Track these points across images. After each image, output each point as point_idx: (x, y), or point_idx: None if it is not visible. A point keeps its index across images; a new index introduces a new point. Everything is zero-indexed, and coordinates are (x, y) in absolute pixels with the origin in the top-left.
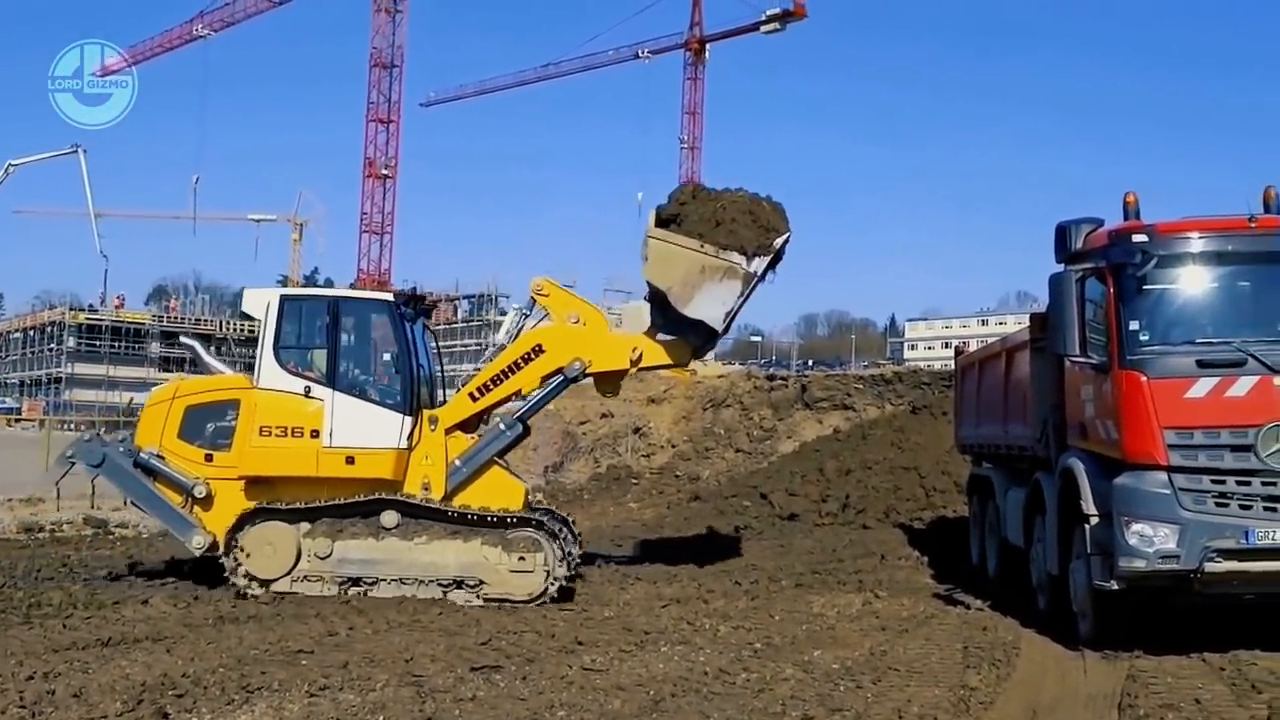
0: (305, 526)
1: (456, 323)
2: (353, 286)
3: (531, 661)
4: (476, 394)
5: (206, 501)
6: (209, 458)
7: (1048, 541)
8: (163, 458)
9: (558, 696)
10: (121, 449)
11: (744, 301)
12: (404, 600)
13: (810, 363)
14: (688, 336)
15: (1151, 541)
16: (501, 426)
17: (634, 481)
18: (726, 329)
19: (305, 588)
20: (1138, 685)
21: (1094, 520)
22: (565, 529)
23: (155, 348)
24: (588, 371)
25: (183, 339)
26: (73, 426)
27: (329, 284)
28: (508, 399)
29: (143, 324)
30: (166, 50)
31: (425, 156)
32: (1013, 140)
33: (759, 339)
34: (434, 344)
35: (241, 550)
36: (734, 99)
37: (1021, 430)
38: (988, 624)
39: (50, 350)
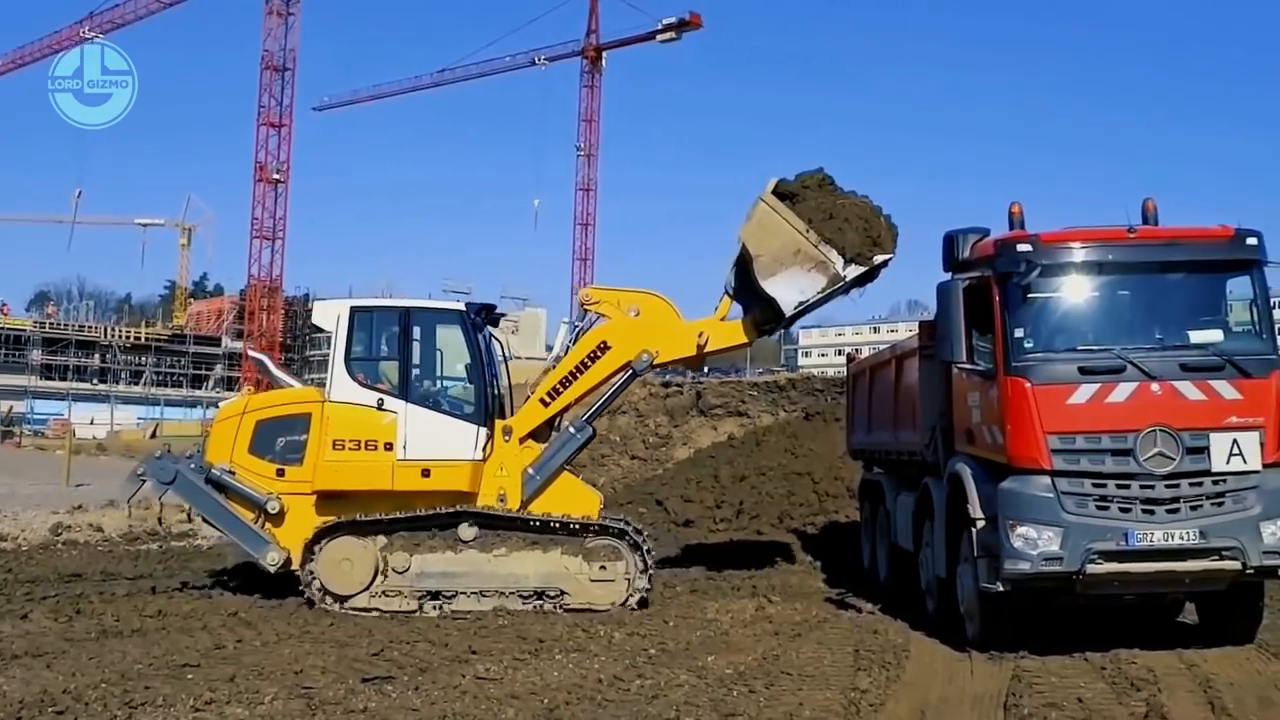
0: (382, 541)
1: None
2: (242, 294)
3: (424, 671)
4: (547, 399)
5: (279, 517)
6: (280, 473)
7: (936, 545)
8: (233, 473)
9: (451, 706)
10: (193, 465)
11: (821, 301)
12: (295, 611)
13: (706, 369)
14: (754, 311)
15: (1035, 544)
16: (571, 430)
17: None
18: (793, 320)
19: (384, 603)
20: (1022, 685)
21: (980, 524)
22: (643, 538)
23: (36, 355)
24: (655, 363)
25: (250, 352)
26: None
27: (219, 290)
28: (578, 400)
29: (23, 330)
30: (54, 52)
31: (318, 161)
32: (902, 151)
33: None
34: (501, 353)
35: (318, 566)
36: (631, 107)
37: (911, 436)
38: (878, 627)
39: None
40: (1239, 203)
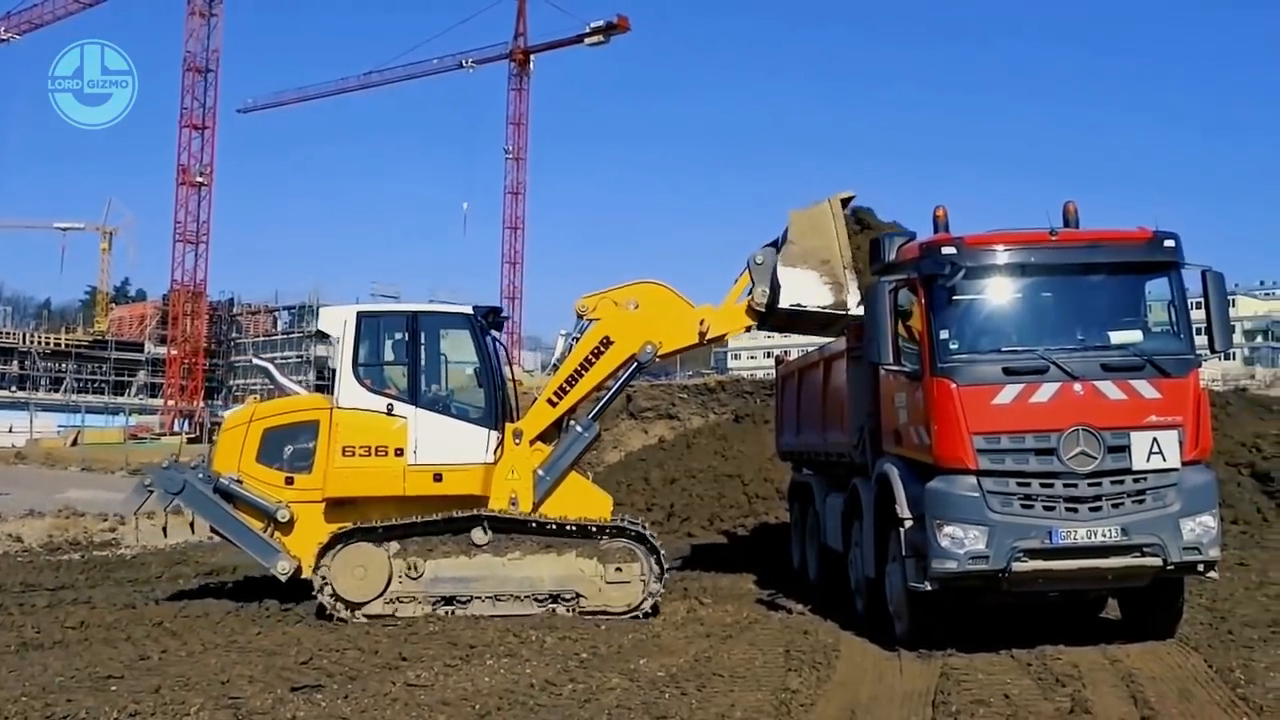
0: (395, 547)
1: (276, 334)
2: (165, 299)
3: (354, 679)
4: (554, 399)
5: (287, 525)
6: (289, 480)
7: (865, 545)
8: (241, 482)
9: (381, 714)
10: (200, 475)
11: (814, 317)
12: (221, 620)
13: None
14: (756, 290)
15: (962, 543)
16: (579, 429)
17: None
18: (780, 319)
19: (398, 609)
20: (950, 683)
21: (908, 524)
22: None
23: None
24: (660, 353)
25: (255, 361)
26: None
27: (141, 295)
28: (585, 398)
29: None
30: None
31: (243, 164)
32: (832, 153)
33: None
34: (507, 358)
35: (331, 573)
36: (559, 110)
37: (840, 437)
38: (809, 627)
39: None
40: (1160, 205)
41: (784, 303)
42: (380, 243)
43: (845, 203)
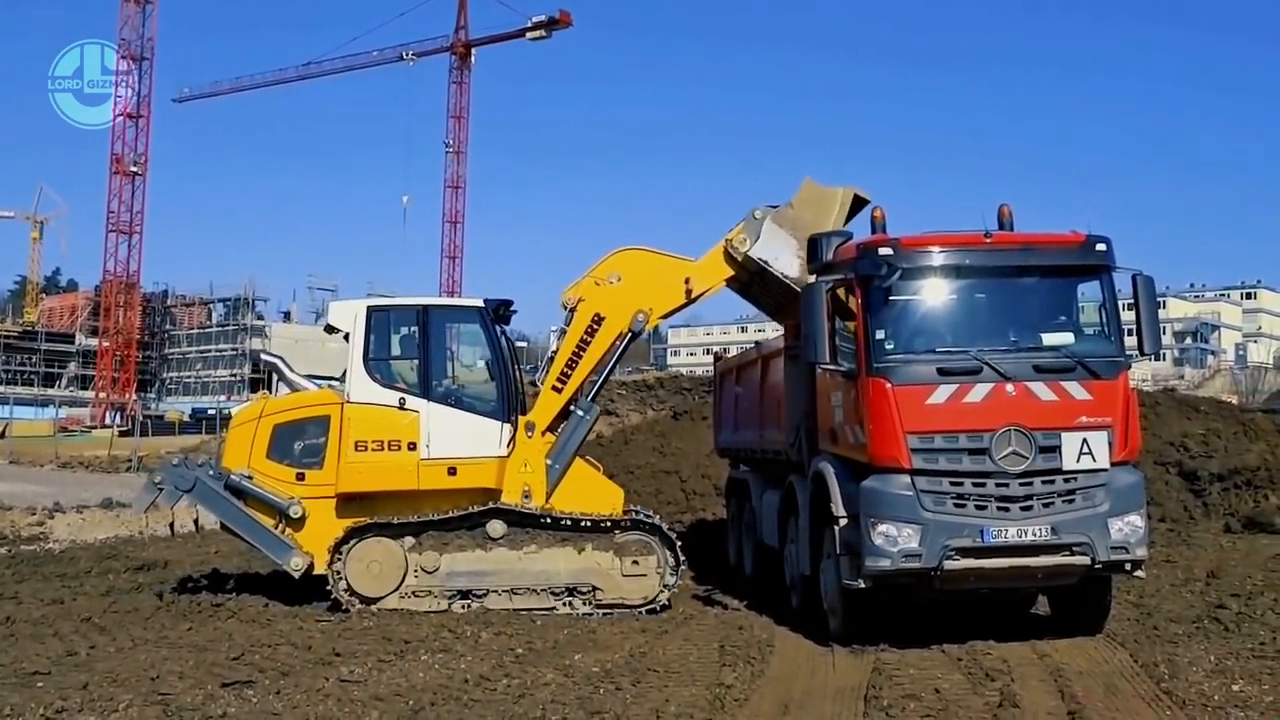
0: (410, 541)
1: (211, 327)
2: (97, 290)
3: (286, 675)
4: (558, 385)
5: (299, 521)
6: (300, 476)
7: (800, 542)
8: (252, 479)
9: (313, 710)
10: (210, 472)
11: (773, 287)
12: (151, 616)
13: None
14: (738, 232)
15: (895, 541)
16: (580, 413)
17: None
18: (744, 277)
19: (413, 604)
20: (883, 677)
21: (843, 522)
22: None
23: None
24: (652, 319)
25: (264, 356)
26: None
27: (73, 285)
28: (589, 378)
29: None
30: None
31: (179, 154)
32: (779, 148)
33: (524, 344)
34: (512, 351)
35: (346, 568)
36: (500, 104)
37: (776, 435)
38: (744, 623)
39: None
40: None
41: (756, 252)
42: (318, 236)
43: (859, 202)
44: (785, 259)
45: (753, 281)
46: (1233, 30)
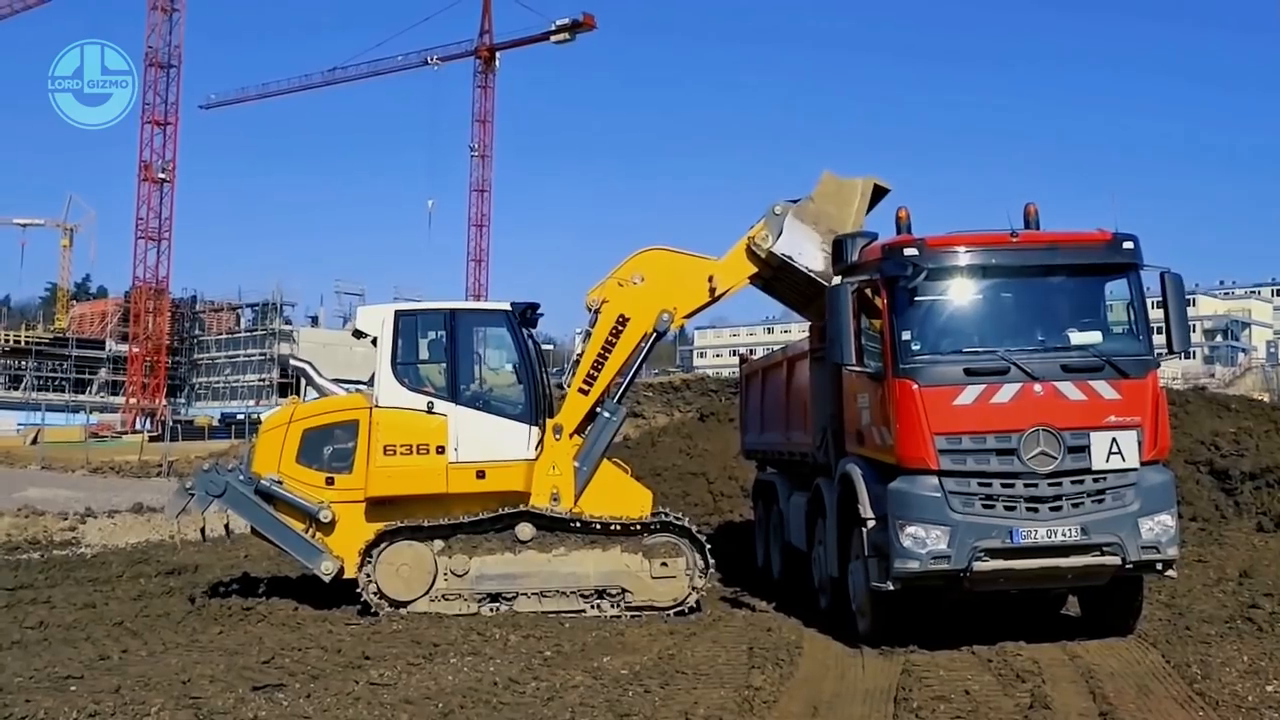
0: (440, 545)
1: (239, 332)
2: (126, 296)
3: (316, 678)
4: (585, 387)
5: (329, 525)
6: (330, 481)
7: (828, 544)
8: (282, 483)
9: (343, 713)
10: (240, 477)
11: (797, 282)
12: (182, 620)
13: None
14: (760, 229)
15: (924, 543)
16: (606, 414)
17: None
18: (768, 273)
19: (443, 607)
20: (912, 679)
21: (871, 524)
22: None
23: None
24: (677, 319)
25: (293, 361)
26: None
27: (102, 292)
28: (614, 379)
29: None
30: None
31: (206, 161)
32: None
33: (551, 347)
34: (539, 354)
35: (376, 572)
36: (526, 108)
37: (802, 437)
38: (772, 625)
39: None
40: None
41: (779, 248)
42: (345, 240)
43: (880, 192)
44: (809, 253)
45: (776, 278)
46: (1258, 28)
